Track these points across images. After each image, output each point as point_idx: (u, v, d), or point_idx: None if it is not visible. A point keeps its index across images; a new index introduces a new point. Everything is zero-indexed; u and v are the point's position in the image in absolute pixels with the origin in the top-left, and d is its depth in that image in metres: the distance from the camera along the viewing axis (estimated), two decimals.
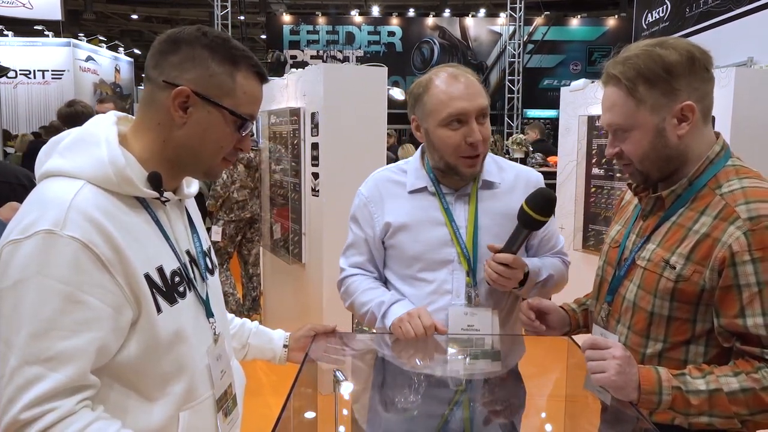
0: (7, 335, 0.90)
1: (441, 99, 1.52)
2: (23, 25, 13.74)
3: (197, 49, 1.03)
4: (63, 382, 0.89)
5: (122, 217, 0.99)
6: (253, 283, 5.00)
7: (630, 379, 1.17)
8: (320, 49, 17.50)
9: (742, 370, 1.15)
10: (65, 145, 1.03)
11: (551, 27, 17.60)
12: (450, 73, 1.55)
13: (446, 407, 1.59)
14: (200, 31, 1.05)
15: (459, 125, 1.52)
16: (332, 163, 3.53)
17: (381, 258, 1.72)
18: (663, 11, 8.23)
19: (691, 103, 1.22)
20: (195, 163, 1.10)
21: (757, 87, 3.17)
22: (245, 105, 1.07)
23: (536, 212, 1.48)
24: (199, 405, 1.10)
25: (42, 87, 13.18)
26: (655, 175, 1.30)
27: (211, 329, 1.15)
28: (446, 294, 1.60)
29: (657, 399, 1.16)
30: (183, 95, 1.02)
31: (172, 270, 1.07)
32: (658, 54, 1.21)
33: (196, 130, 1.05)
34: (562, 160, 4.53)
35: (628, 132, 1.26)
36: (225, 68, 1.04)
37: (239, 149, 1.11)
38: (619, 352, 1.19)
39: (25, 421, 0.87)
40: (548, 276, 1.64)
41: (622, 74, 1.23)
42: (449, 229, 1.60)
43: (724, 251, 1.16)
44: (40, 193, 0.98)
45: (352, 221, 1.75)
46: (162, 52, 1.05)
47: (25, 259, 0.90)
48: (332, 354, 1.54)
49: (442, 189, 1.63)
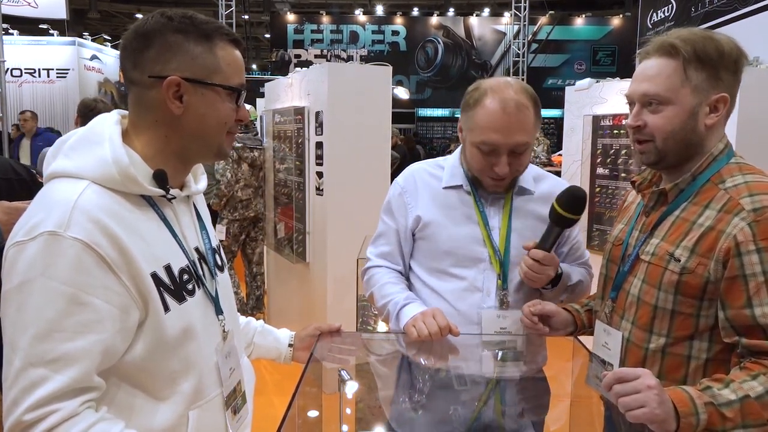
0: (12, 337, 0.90)
1: (480, 124, 1.51)
2: (28, 24, 13.77)
3: (169, 36, 1.02)
4: (67, 383, 0.89)
5: (128, 217, 0.99)
6: (257, 282, 5.00)
7: (669, 407, 1.08)
8: (324, 49, 17.52)
9: (759, 371, 1.12)
10: (70, 145, 1.03)
11: (556, 26, 17.57)
12: (502, 99, 1.49)
13: (472, 408, 1.60)
14: (164, 17, 1.04)
15: (490, 152, 1.52)
16: (336, 162, 3.54)
17: (409, 251, 1.72)
18: (668, 10, 8.20)
19: (727, 96, 1.24)
20: (203, 147, 1.09)
21: (763, 86, 3.17)
22: (233, 76, 1.07)
23: (566, 210, 1.49)
24: (207, 403, 1.10)
25: (47, 86, 13.20)
26: (671, 157, 1.29)
27: (220, 326, 1.15)
28: (477, 292, 1.60)
29: (695, 420, 1.07)
30: (174, 84, 1.02)
31: (181, 268, 1.06)
32: (717, 40, 1.23)
33: (196, 115, 1.04)
34: (567, 159, 4.52)
35: (663, 105, 1.25)
36: (203, 47, 1.03)
37: (239, 120, 1.11)
38: (653, 380, 1.09)
39: (29, 423, 0.87)
40: (577, 281, 1.66)
41: (682, 46, 1.23)
42: (482, 229, 1.60)
43: (728, 242, 1.17)
44: (45, 195, 0.98)
45: (385, 211, 1.75)
46: (136, 50, 1.04)
47: (29, 261, 0.90)
48: (337, 353, 1.54)
49: (477, 190, 1.63)
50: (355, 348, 1.62)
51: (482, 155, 1.53)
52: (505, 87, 1.51)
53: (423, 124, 17.61)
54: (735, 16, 6.59)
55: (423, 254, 1.68)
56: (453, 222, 1.62)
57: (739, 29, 6.34)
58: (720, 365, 1.22)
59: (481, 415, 1.60)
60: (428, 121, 17.64)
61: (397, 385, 1.69)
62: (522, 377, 1.70)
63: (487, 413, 1.62)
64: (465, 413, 1.58)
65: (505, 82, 1.53)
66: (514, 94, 1.49)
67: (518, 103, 1.48)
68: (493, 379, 1.68)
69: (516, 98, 1.49)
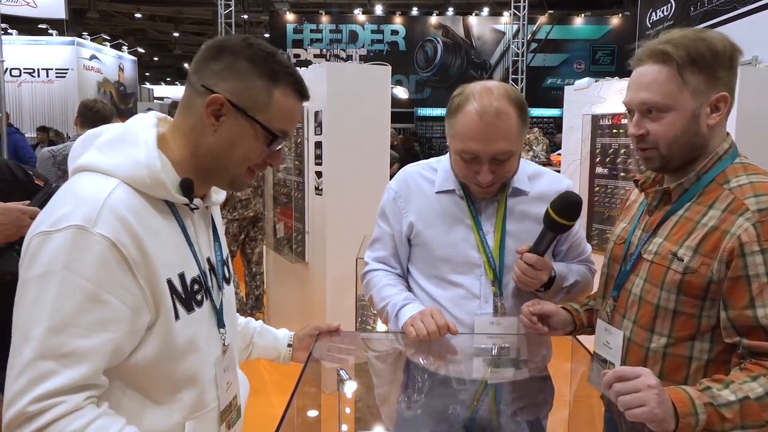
0: (25, 327, 0.89)
1: (460, 132, 1.48)
2: (27, 24, 13.77)
3: (239, 60, 1.03)
4: (75, 379, 0.89)
5: (151, 220, 0.99)
6: (256, 282, 5.00)
7: (669, 407, 1.07)
8: (323, 48, 17.51)
9: (759, 373, 1.12)
10: (104, 141, 1.02)
11: (555, 26, 17.58)
12: (481, 106, 1.43)
13: (472, 408, 1.60)
14: (246, 42, 1.05)
15: (471, 160, 1.49)
16: (336, 161, 3.53)
17: (405, 254, 1.71)
18: (668, 10, 8.21)
19: (727, 94, 1.23)
20: (221, 172, 1.09)
21: (762, 86, 3.17)
22: (278, 121, 1.06)
23: (560, 216, 1.46)
24: (204, 415, 1.10)
25: (46, 86, 13.20)
26: (676, 161, 1.28)
27: (221, 339, 1.15)
28: (474, 299, 1.58)
29: (694, 420, 1.07)
30: (217, 103, 1.02)
31: (193, 277, 1.06)
32: (708, 40, 1.21)
33: (226, 140, 1.04)
34: (566, 159, 4.53)
35: (664, 113, 1.24)
36: (263, 82, 1.03)
37: (269, 164, 1.11)
38: (653, 380, 1.09)
39: (33, 413, 0.87)
40: (574, 282, 1.63)
41: (674, 52, 1.21)
42: (475, 234, 1.58)
43: (732, 242, 1.16)
44: (73, 187, 0.98)
45: (380, 215, 1.73)
46: (205, 58, 1.05)
47: (53, 253, 0.90)
48: (336, 353, 1.54)
49: (470, 194, 1.60)
50: (354, 348, 1.62)
51: (464, 163, 1.50)
52: (485, 93, 1.45)
53: (422, 123, 17.61)
54: (734, 15, 6.60)
55: (420, 261, 1.67)
56: (447, 228, 1.60)
57: (738, 28, 6.35)
58: (721, 366, 1.22)
59: (480, 415, 1.60)
60: (427, 121, 17.64)
61: (396, 385, 1.69)
62: (524, 377, 1.69)
63: (487, 413, 1.62)
64: (464, 413, 1.58)
65: (486, 87, 1.47)
66: (495, 101, 1.43)
67: (498, 110, 1.43)
68: (493, 378, 1.67)
69: (496, 105, 1.43)
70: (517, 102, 1.47)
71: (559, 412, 1.66)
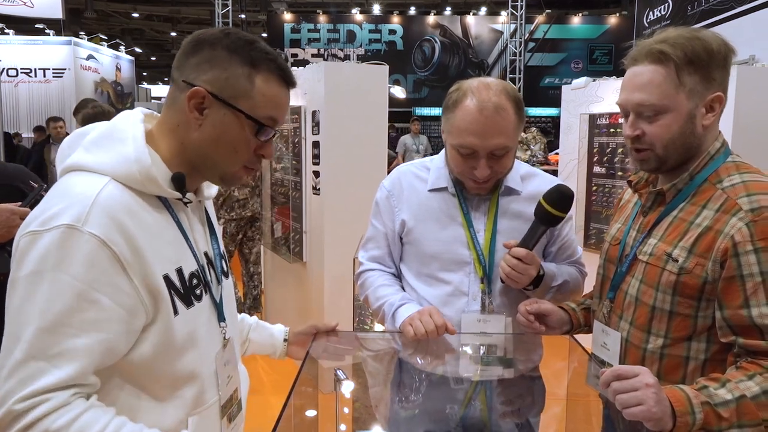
0: (15, 327, 0.89)
1: (458, 126, 1.48)
2: (24, 24, 13.75)
3: (218, 50, 1.02)
4: (63, 379, 0.89)
5: (144, 216, 0.98)
6: (254, 282, 5.00)
7: (666, 406, 1.07)
8: (321, 48, 17.51)
9: (755, 371, 1.12)
10: (91, 140, 1.02)
11: (552, 25, 17.59)
12: (479, 101, 1.44)
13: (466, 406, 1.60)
14: (223, 33, 1.04)
15: (468, 155, 1.49)
16: (333, 161, 3.53)
17: (398, 253, 1.71)
18: (665, 9, 8.22)
19: (721, 94, 1.23)
20: (211, 167, 1.08)
21: (759, 85, 3.17)
22: (263, 108, 1.04)
23: (553, 207, 1.46)
24: (206, 410, 1.09)
25: (43, 85, 13.16)
26: (672, 162, 1.27)
27: (221, 333, 1.14)
28: (463, 296, 1.58)
29: (691, 419, 1.07)
30: (199, 96, 1.01)
31: (191, 272, 1.06)
32: (704, 39, 1.20)
33: (211, 133, 1.03)
34: (564, 158, 4.53)
35: (660, 114, 1.23)
36: (243, 69, 1.02)
37: (261, 155, 1.09)
38: (651, 379, 1.09)
39: (19, 412, 0.86)
40: (563, 282, 1.62)
41: (672, 52, 1.20)
42: (466, 231, 1.58)
43: (726, 242, 1.16)
44: (63, 187, 0.97)
45: (373, 214, 1.73)
46: (185, 53, 1.04)
47: (42, 252, 0.89)
48: (333, 353, 1.53)
49: (462, 192, 1.61)
50: (351, 347, 1.62)
51: (462, 158, 1.50)
52: (483, 88, 1.46)
53: (420, 123, 17.59)
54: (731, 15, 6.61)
55: (411, 258, 1.67)
56: (438, 225, 1.60)
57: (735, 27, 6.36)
58: (717, 365, 1.22)
59: (475, 414, 1.60)
60: (425, 120, 17.64)
61: (393, 384, 1.69)
62: (516, 376, 1.69)
63: (483, 412, 1.62)
64: (459, 412, 1.58)
65: (484, 83, 1.48)
66: (493, 96, 1.45)
67: (497, 105, 1.44)
68: (487, 377, 1.67)
69: (495, 100, 1.44)
70: (514, 98, 1.48)
71: (557, 411, 1.66)
